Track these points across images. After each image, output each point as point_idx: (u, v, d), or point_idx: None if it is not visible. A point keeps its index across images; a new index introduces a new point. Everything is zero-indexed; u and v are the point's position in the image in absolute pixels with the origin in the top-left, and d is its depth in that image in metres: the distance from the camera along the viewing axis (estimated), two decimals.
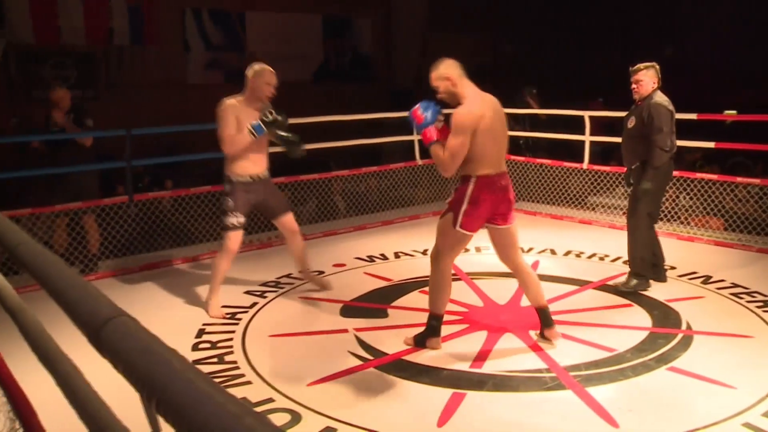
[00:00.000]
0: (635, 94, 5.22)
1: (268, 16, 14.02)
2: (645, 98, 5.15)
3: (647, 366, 3.98)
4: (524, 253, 6.43)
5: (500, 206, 4.07)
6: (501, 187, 4.06)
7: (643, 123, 5.10)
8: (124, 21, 12.20)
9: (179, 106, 12.57)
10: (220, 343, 4.46)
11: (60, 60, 11.89)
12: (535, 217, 8.06)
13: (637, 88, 5.19)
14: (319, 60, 14.73)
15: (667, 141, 5.05)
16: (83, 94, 12.09)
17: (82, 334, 1.18)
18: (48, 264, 1.53)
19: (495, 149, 4.01)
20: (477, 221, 4.08)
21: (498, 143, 4.04)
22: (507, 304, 5.11)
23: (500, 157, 4.08)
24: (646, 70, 5.15)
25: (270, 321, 4.89)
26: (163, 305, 5.28)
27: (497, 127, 4.04)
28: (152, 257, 6.50)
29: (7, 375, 2.15)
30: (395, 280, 5.73)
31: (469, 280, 5.67)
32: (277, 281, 5.80)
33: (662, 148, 5.04)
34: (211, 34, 13.55)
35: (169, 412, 0.81)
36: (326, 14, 14.93)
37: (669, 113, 5.07)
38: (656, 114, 5.02)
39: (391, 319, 4.88)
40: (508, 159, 8.29)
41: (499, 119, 4.07)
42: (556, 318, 4.63)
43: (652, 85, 5.14)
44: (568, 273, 5.80)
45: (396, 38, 16.09)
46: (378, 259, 6.40)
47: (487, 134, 3.96)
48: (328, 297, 5.33)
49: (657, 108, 5.04)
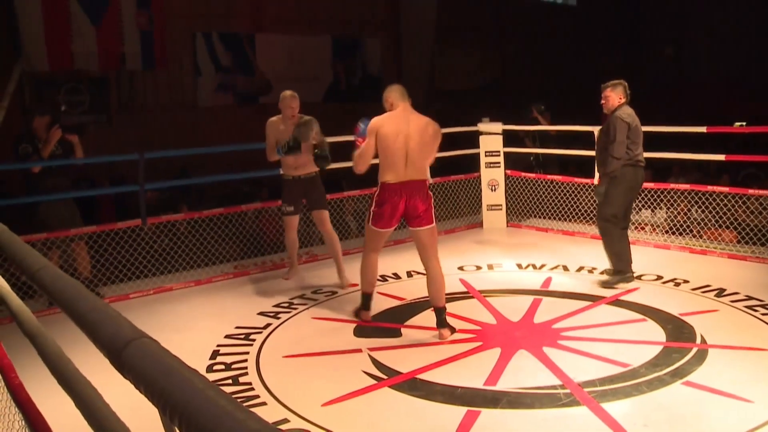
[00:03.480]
0: (603, 108, 5.79)
1: (277, 38, 14.15)
2: (611, 112, 5.70)
3: (662, 381, 3.98)
4: (536, 270, 6.47)
5: (399, 210, 4.81)
6: (399, 193, 4.76)
7: (605, 135, 5.71)
8: (136, 45, 12.33)
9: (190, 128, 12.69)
10: (234, 365, 4.49)
11: (73, 85, 12.02)
12: (547, 234, 8.07)
13: (604, 102, 5.76)
14: (329, 80, 14.85)
15: (621, 150, 5.57)
16: (96, 119, 12.23)
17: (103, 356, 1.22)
18: (68, 288, 1.57)
19: (401, 161, 4.74)
20: (384, 220, 4.87)
21: (407, 156, 4.75)
22: (520, 321, 5.12)
23: (408, 169, 4.77)
24: (613, 87, 5.73)
25: (284, 342, 4.92)
26: (177, 328, 5.32)
27: (408, 143, 4.75)
28: (166, 280, 6.54)
29: (26, 400, 2.19)
30: (408, 300, 5.74)
31: (482, 297, 5.69)
32: (290, 302, 5.83)
33: (613, 156, 5.57)
34: (221, 56, 13.68)
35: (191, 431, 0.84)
36: (336, 35, 15.05)
37: (625, 125, 5.59)
38: (613, 125, 5.61)
39: (404, 338, 4.90)
40: (517, 176, 8.39)
41: (418, 137, 4.76)
42: (570, 334, 4.63)
43: (618, 100, 5.70)
44: (581, 289, 5.81)
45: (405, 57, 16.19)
46: (390, 279, 6.43)
47: (389, 145, 4.74)
48: (342, 317, 5.36)
49: (615, 120, 5.62)
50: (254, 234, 7.37)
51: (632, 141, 5.64)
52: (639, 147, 5.72)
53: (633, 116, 5.70)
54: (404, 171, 4.76)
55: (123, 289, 6.32)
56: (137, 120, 12.47)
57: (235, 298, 6.10)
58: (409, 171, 4.77)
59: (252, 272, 6.87)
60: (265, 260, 7.16)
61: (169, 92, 13.16)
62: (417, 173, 4.80)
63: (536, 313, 5.23)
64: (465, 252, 7.38)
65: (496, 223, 8.57)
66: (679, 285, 5.85)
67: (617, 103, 5.69)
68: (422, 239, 4.85)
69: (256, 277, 6.73)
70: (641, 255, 6.70)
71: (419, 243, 4.89)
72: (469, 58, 16.87)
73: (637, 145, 5.69)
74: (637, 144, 5.69)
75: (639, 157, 5.72)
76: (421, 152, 4.80)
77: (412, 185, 4.77)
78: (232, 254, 7.24)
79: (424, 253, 4.87)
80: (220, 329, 5.18)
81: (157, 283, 6.46)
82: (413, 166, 4.78)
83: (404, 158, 4.75)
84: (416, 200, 4.77)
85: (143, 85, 12.89)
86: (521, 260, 6.83)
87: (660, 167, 9.20)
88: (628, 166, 5.66)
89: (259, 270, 6.93)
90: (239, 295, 6.17)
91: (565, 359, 4.32)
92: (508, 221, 8.62)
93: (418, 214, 4.79)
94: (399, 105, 4.87)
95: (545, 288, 5.92)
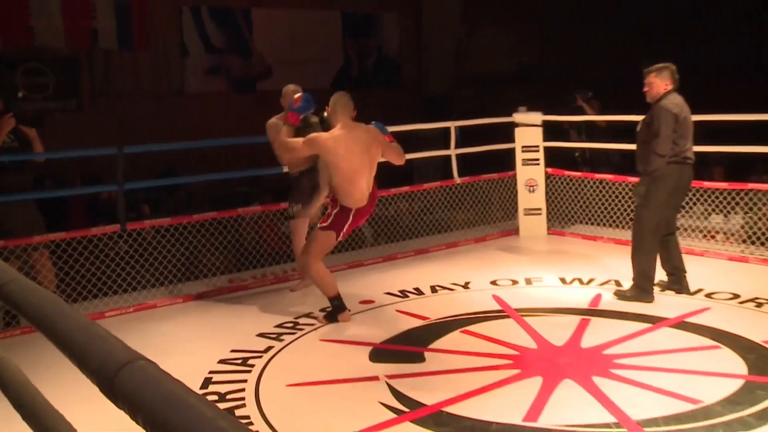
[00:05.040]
0: (647, 97, 5.76)
1: (277, 13, 14.19)
2: (656, 101, 5.66)
3: (745, 423, 3.87)
4: (583, 285, 6.45)
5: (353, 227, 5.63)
6: (363, 214, 5.59)
7: (647, 126, 5.68)
8: (111, 21, 12.32)
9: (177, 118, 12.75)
10: (230, 395, 4.50)
11: (34, 66, 11.99)
12: (596, 243, 8.04)
13: (648, 90, 5.74)
14: (339, 63, 14.89)
15: (666, 146, 5.53)
16: (64, 106, 12.25)
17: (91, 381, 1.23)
18: (46, 303, 1.57)
19: (364, 183, 5.42)
20: (344, 233, 5.56)
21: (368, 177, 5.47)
22: (565, 345, 5.10)
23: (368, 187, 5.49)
24: (657, 72, 5.68)
25: (288, 368, 4.92)
26: (162, 351, 5.31)
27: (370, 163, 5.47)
28: (148, 295, 6.56)
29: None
30: (432, 319, 5.74)
31: (519, 317, 5.68)
32: (296, 321, 5.84)
33: (656, 152, 5.54)
34: (212, 35, 13.75)
35: None
36: (346, 10, 15.07)
37: (672, 117, 5.54)
38: (657, 117, 5.57)
39: (428, 363, 4.89)
40: (560, 174, 8.38)
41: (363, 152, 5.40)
42: (625, 362, 4.61)
43: (664, 87, 5.66)
44: (638, 308, 5.77)
45: (427, 37, 16.18)
46: (412, 295, 6.43)
47: (351, 169, 5.35)
48: (355, 339, 5.36)
49: (660, 111, 5.58)
50: (252, 242, 7.40)
51: (680, 135, 5.61)
52: (687, 141, 5.70)
53: (681, 106, 5.67)
54: (364, 195, 5.47)
55: (97, 306, 6.34)
56: (113, 108, 12.53)
57: (230, 317, 6.12)
58: (368, 192, 5.50)
59: (250, 286, 6.90)
60: (266, 272, 7.18)
61: (150, 76, 13.23)
62: (371, 188, 5.55)
63: (584, 336, 5.21)
64: (498, 264, 7.37)
65: (535, 229, 8.55)
66: (762, 306, 5.76)
67: (663, 91, 5.66)
68: None
69: (254, 293, 6.75)
70: (712, 268, 6.67)
71: None
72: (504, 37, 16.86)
73: (685, 140, 5.67)
74: (685, 138, 5.67)
75: (687, 153, 5.70)
76: (374, 170, 5.55)
77: (370, 205, 5.58)
78: (227, 265, 7.26)
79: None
80: (213, 353, 5.18)
81: (138, 299, 6.50)
82: (370, 185, 5.52)
83: (366, 180, 5.45)
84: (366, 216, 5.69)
85: (120, 68, 12.94)
86: (565, 274, 6.82)
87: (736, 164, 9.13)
88: (674, 163, 5.64)
89: (258, 284, 6.94)
90: (235, 314, 6.19)
91: (619, 392, 4.28)
92: (549, 228, 8.61)
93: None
94: (339, 120, 5.44)
95: (594, 307, 5.90)
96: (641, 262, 5.87)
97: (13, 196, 6.13)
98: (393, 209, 8.34)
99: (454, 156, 8.30)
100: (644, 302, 5.81)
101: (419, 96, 15.87)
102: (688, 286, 6.04)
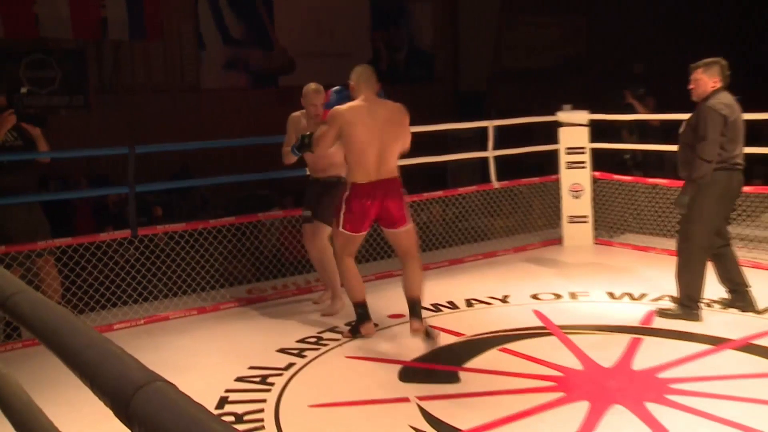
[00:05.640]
0: (692, 95, 5.68)
1: (301, 2, 14.23)
2: (702, 100, 5.58)
3: None
4: (634, 300, 6.40)
5: (370, 213, 5.42)
6: (371, 195, 5.38)
7: (692, 129, 5.58)
8: (121, 10, 12.37)
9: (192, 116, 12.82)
10: (247, 416, 4.51)
11: (39, 58, 12.07)
12: (648, 254, 7.97)
13: (694, 88, 5.65)
14: (367, 56, 14.90)
15: (712, 151, 5.44)
16: (70, 101, 12.35)
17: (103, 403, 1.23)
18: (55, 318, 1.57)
19: (372, 159, 5.34)
20: (356, 223, 5.46)
21: (379, 153, 5.36)
22: (614, 366, 5.05)
23: (381, 167, 5.37)
24: (705, 67, 5.60)
25: (310, 387, 4.92)
26: (174, 368, 5.33)
27: (380, 137, 5.36)
28: (160, 306, 6.60)
29: None
30: (468, 335, 5.72)
31: (563, 335, 5.64)
32: (319, 336, 5.85)
33: (702, 157, 5.44)
34: (230, 25, 13.82)
35: None
36: None
37: (721, 119, 5.44)
38: (704, 118, 5.47)
39: (463, 384, 4.87)
40: (608, 179, 8.32)
41: (389, 130, 5.40)
42: (683, 387, 4.55)
43: (712, 84, 5.56)
44: (696, 327, 5.71)
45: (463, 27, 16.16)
46: (445, 309, 6.41)
47: (357, 140, 5.34)
48: (384, 356, 5.36)
49: (707, 111, 5.47)
50: (273, 249, 7.41)
51: (729, 138, 5.51)
52: (738, 146, 5.60)
53: (732, 106, 5.57)
54: (376, 170, 5.39)
55: (105, 318, 6.38)
56: (123, 104, 12.63)
57: (248, 331, 6.13)
58: (382, 169, 5.40)
59: (270, 298, 6.92)
60: (287, 282, 7.20)
61: (163, 70, 13.33)
62: (389, 171, 5.45)
63: (635, 357, 5.15)
64: (540, 276, 7.35)
65: (580, 239, 8.51)
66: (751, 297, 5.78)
67: (711, 89, 5.56)
68: (400, 242, 5.59)
69: (274, 304, 6.77)
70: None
71: (397, 246, 5.67)
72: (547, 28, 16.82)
73: (735, 144, 5.57)
74: (735, 142, 5.57)
75: (737, 159, 5.61)
76: (393, 147, 5.46)
77: (385, 185, 5.42)
78: (245, 275, 7.28)
79: (403, 256, 5.63)
80: (230, 370, 5.20)
81: (149, 311, 6.53)
82: (386, 164, 5.42)
83: (376, 155, 5.38)
84: (390, 202, 5.44)
85: (131, 60, 13.04)
86: (613, 288, 6.77)
87: None
88: (722, 169, 5.54)
89: (278, 295, 6.96)
90: (254, 327, 6.21)
91: (676, 420, 4.22)
92: (596, 237, 8.56)
93: (393, 217, 5.48)
94: (362, 93, 5.47)
95: (646, 325, 5.85)
96: (687, 282, 5.78)
97: (16, 198, 6.17)
98: (425, 215, 8.32)
99: (492, 158, 8.28)
100: (692, 320, 5.75)
101: (454, 92, 15.87)
102: (753, 303, 5.92)
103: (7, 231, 6.14)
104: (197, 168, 10.98)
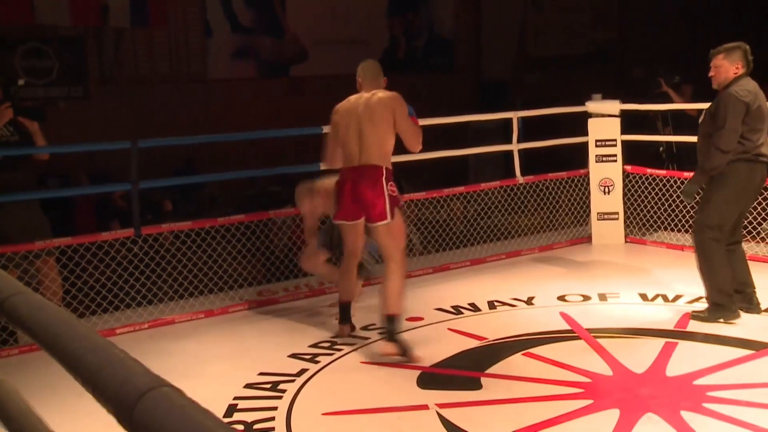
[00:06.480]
0: (713, 83, 5.68)
1: None
2: (723, 87, 5.57)
3: None
4: (668, 303, 6.39)
5: (348, 196, 5.53)
6: (349, 178, 5.52)
7: (712, 117, 5.59)
8: None
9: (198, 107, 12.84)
10: (257, 424, 4.53)
11: (35, 46, 12.08)
12: (683, 253, 7.93)
13: (714, 75, 5.64)
14: (384, 44, 14.90)
15: (731, 140, 5.42)
16: (69, 92, 12.36)
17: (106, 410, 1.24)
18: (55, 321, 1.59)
19: (354, 148, 5.50)
20: (342, 210, 5.61)
21: (360, 142, 5.49)
22: (646, 372, 5.05)
23: (363, 154, 5.49)
24: (726, 53, 5.57)
25: (324, 394, 4.95)
26: (180, 374, 5.36)
27: (360, 127, 5.48)
28: (166, 309, 6.63)
29: None
30: (490, 339, 5.73)
31: (592, 339, 5.63)
32: (333, 341, 5.86)
33: (719, 147, 5.44)
34: (239, 11, 13.81)
35: None
36: None
37: (743, 106, 5.42)
38: (724, 105, 5.47)
39: (485, 391, 4.88)
40: (641, 173, 8.29)
41: (368, 118, 5.47)
42: (721, 395, 4.54)
43: (734, 71, 5.55)
44: (735, 331, 5.69)
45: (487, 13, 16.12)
46: (466, 311, 6.42)
47: (340, 131, 5.58)
48: (402, 362, 5.36)
49: (727, 99, 5.46)
50: (285, 249, 7.43)
51: (751, 127, 5.49)
52: (761, 135, 5.57)
53: (756, 93, 5.55)
54: (358, 157, 5.55)
55: (107, 321, 6.40)
56: (125, 95, 12.64)
57: (258, 335, 6.17)
58: (364, 156, 5.53)
59: (281, 300, 6.95)
60: (299, 284, 7.22)
61: (168, 59, 13.35)
62: (373, 158, 5.52)
63: (669, 363, 5.14)
64: (567, 276, 7.35)
65: (611, 237, 8.50)
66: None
67: (732, 75, 5.55)
68: (379, 240, 5.64)
69: (286, 307, 6.79)
70: None
71: (378, 245, 5.80)
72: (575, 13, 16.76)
73: (758, 133, 5.54)
74: (758, 132, 5.55)
75: (761, 149, 5.58)
76: (375, 134, 5.52)
77: (361, 170, 5.52)
78: (255, 276, 7.31)
79: (384, 260, 5.70)
80: (239, 376, 5.23)
81: (154, 314, 6.56)
82: (366, 150, 5.53)
83: (356, 142, 5.54)
84: (364, 187, 5.50)
85: (133, 49, 13.05)
86: (646, 289, 6.76)
87: None
88: (742, 161, 5.53)
89: (290, 297, 6.98)
90: (264, 331, 6.24)
91: (715, 431, 4.23)
92: (627, 235, 8.55)
93: (368, 207, 5.51)
94: (366, 89, 5.64)
95: (681, 329, 5.83)
96: (712, 276, 5.76)
97: (13, 196, 6.19)
98: (445, 212, 8.32)
99: (517, 151, 8.27)
100: (729, 322, 5.71)
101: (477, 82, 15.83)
102: (758, 306, 5.93)
103: (4, 231, 6.17)
104: (204, 163, 11.02)
